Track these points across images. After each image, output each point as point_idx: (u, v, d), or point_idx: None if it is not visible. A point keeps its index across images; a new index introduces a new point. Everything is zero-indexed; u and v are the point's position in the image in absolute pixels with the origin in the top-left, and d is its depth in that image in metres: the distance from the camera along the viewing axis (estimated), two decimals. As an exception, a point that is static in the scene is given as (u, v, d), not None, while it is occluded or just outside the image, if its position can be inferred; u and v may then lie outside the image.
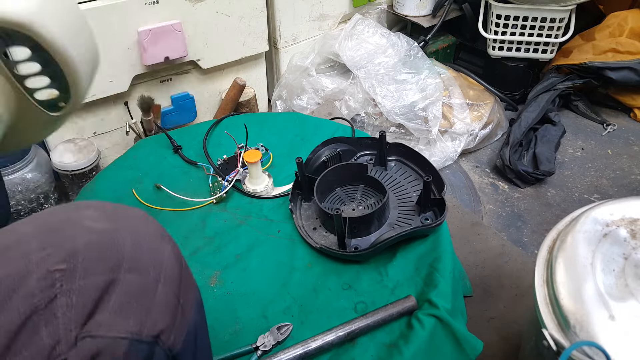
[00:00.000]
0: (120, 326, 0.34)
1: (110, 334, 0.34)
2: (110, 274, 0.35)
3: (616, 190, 1.35)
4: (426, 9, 1.65)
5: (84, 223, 0.37)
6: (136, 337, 0.35)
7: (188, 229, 0.85)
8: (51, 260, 0.34)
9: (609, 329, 0.53)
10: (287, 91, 1.49)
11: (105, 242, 0.36)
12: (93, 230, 0.36)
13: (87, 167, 1.17)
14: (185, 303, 0.40)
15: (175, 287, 0.39)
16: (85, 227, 0.36)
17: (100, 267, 0.35)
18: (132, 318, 0.35)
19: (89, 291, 0.34)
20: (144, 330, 0.35)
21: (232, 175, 0.92)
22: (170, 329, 0.37)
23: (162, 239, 0.40)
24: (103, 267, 0.35)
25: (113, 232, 0.37)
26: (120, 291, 0.35)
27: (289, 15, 1.43)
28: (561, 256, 0.61)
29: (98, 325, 0.34)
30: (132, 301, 0.35)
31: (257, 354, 0.66)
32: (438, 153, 1.39)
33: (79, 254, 0.35)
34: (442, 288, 0.69)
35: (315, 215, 0.85)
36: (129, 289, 0.36)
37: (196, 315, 0.42)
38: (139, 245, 0.38)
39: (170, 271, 0.39)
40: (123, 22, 1.10)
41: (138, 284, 0.36)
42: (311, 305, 0.72)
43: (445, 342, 0.66)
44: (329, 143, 0.92)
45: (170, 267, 0.39)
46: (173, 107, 1.32)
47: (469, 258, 1.05)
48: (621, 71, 1.47)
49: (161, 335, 0.36)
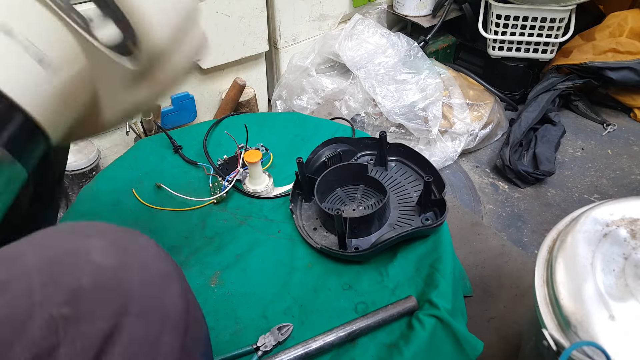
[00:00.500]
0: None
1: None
2: (115, 318, 0.32)
3: (616, 190, 1.35)
4: (426, 9, 1.65)
5: (90, 257, 0.34)
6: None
7: (188, 229, 0.85)
8: (54, 301, 0.31)
9: (609, 329, 0.53)
10: (287, 91, 1.49)
11: (112, 282, 0.33)
12: (99, 266, 0.34)
13: (87, 167, 1.17)
14: (192, 350, 0.37)
15: (181, 335, 0.36)
16: (91, 263, 0.33)
17: (106, 311, 0.32)
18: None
19: (93, 339, 0.31)
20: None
21: (232, 175, 0.92)
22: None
23: (171, 279, 0.37)
24: (109, 311, 0.32)
25: (121, 270, 0.34)
26: (125, 339, 0.32)
27: (289, 15, 1.43)
28: (561, 256, 0.61)
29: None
30: (137, 351, 0.33)
31: (258, 354, 0.66)
32: (438, 153, 1.39)
33: (84, 295, 0.32)
34: (443, 288, 0.69)
35: (315, 216, 0.85)
36: (134, 337, 0.33)
37: (202, 357, 0.39)
38: (146, 286, 0.35)
39: (176, 318, 0.36)
40: (123, 22, 1.10)
41: (144, 331, 0.34)
42: (312, 306, 0.72)
43: (445, 343, 0.66)
44: (329, 143, 0.92)
45: (177, 313, 0.36)
46: (173, 107, 1.32)
47: (469, 258, 1.06)
48: (621, 71, 1.47)
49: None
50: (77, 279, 0.32)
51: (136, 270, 0.35)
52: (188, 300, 0.38)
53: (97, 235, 0.36)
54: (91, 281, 0.32)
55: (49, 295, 0.31)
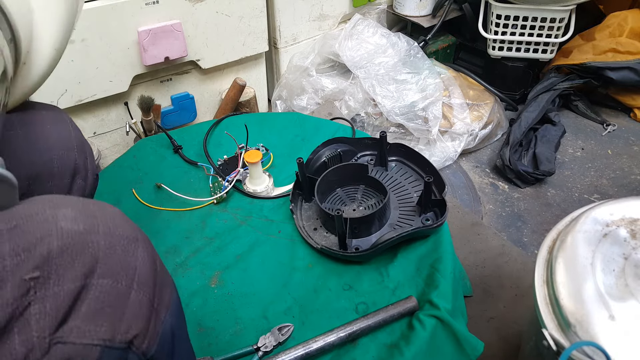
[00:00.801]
0: (92, 333, 0.34)
1: (81, 341, 0.34)
2: (83, 279, 0.35)
3: (616, 190, 1.35)
4: (426, 9, 1.65)
5: (59, 224, 0.36)
6: (108, 344, 0.35)
7: (188, 229, 0.85)
8: (25, 267, 0.33)
9: (609, 329, 0.53)
10: (287, 91, 1.49)
11: (80, 246, 0.36)
12: (68, 232, 0.36)
13: (87, 167, 1.17)
14: (159, 306, 0.40)
15: (149, 291, 0.39)
16: (60, 229, 0.36)
17: (74, 273, 0.35)
18: (104, 325, 0.35)
19: (62, 298, 0.34)
20: (117, 336, 0.35)
21: (232, 175, 0.92)
22: (144, 334, 0.37)
23: (136, 242, 0.40)
24: (76, 272, 0.35)
25: (88, 234, 0.37)
26: (93, 297, 0.35)
27: (289, 15, 1.43)
28: (561, 256, 0.61)
29: (70, 332, 0.33)
30: (104, 307, 0.35)
31: (258, 354, 0.66)
32: (438, 153, 1.39)
33: (53, 259, 0.34)
34: (443, 289, 0.69)
35: (315, 216, 0.85)
36: (102, 295, 0.35)
37: (172, 318, 0.41)
38: (113, 249, 0.37)
39: (143, 276, 0.38)
40: (123, 22, 1.10)
41: (111, 289, 0.36)
42: (312, 306, 0.72)
43: (446, 343, 0.66)
44: (329, 143, 0.92)
45: (144, 272, 0.39)
46: (173, 107, 1.32)
47: (469, 258, 1.06)
48: (621, 71, 1.47)
49: (134, 341, 0.36)
50: (46, 244, 0.34)
51: (102, 235, 0.37)
52: (155, 262, 0.40)
53: (66, 205, 0.38)
54: (59, 246, 0.34)
55: (20, 261, 0.33)
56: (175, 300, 0.43)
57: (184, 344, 0.46)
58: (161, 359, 0.40)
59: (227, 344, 0.68)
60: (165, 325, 0.40)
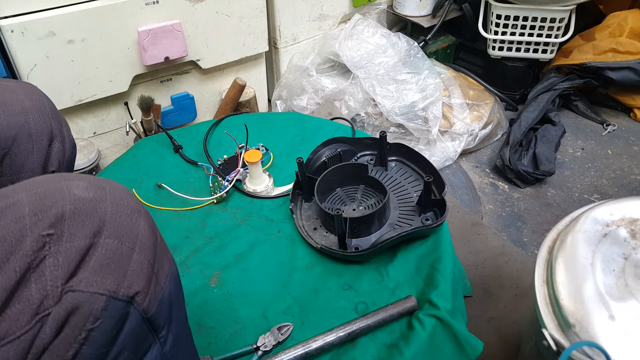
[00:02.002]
0: (99, 283, 0.38)
1: (89, 289, 0.37)
2: (91, 238, 0.39)
3: (616, 190, 1.35)
4: (426, 9, 1.65)
5: (72, 192, 0.40)
6: (113, 295, 0.38)
7: (188, 229, 0.85)
8: (42, 224, 0.38)
9: (609, 329, 0.53)
10: (287, 91, 1.49)
11: (89, 210, 0.40)
12: (79, 198, 0.40)
13: (87, 167, 1.17)
14: (159, 272, 0.43)
15: (150, 256, 0.42)
16: (72, 195, 0.40)
17: (84, 232, 0.39)
18: (109, 278, 0.39)
19: (73, 253, 0.38)
20: (121, 289, 0.39)
21: (232, 175, 0.92)
22: (145, 292, 0.41)
23: (139, 214, 0.44)
24: (86, 232, 0.39)
25: (97, 201, 0.41)
26: (100, 254, 0.39)
27: (289, 15, 1.43)
28: (561, 256, 0.61)
29: (79, 282, 0.37)
30: (110, 263, 0.39)
31: (258, 354, 0.66)
32: (438, 153, 1.39)
33: (66, 220, 0.39)
34: (443, 288, 0.69)
35: (315, 216, 0.85)
36: (108, 253, 0.39)
37: (171, 286, 0.45)
38: (118, 215, 0.42)
39: (145, 242, 0.42)
40: (123, 22, 1.10)
41: (116, 249, 0.40)
42: (312, 306, 0.72)
43: (445, 343, 0.66)
44: (329, 143, 0.92)
45: (146, 238, 0.43)
46: (173, 107, 1.32)
47: (469, 258, 1.06)
48: (621, 71, 1.47)
49: (136, 297, 0.40)
50: (60, 207, 0.39)
51: (109, 203, 0.42)
52: (155, 234, 0.45)
53: (78, 179, 0.43)
54: (72, 209, 0.39)
55: (37, 221, 0.38)
56: (174, 273, 0.47)
57: (181, 318, 0.50)
58: (159, 322, 0.43)
59: (226, 343, 0.68)
60: (164, 292, 0.44)
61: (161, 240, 0.46)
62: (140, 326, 0.41)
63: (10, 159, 0.58)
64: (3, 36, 1.00)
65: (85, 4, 1.05)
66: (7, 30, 0.99)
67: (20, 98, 0.62)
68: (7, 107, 0.60)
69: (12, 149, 0.59)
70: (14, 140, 0.59)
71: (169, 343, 0.46)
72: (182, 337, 0.50)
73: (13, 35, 1.00)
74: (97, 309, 0.37)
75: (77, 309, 0.37)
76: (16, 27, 0.99)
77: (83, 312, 0.37)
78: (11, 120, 0.59)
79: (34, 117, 0.61)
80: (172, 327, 0.46)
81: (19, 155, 0.59)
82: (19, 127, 0.59)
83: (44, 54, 1.05)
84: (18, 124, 0.59)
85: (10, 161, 0.58)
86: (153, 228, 0.45)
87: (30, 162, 0.60)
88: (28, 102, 0.62)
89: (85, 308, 0.37)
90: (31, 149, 0.60)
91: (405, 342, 0.65)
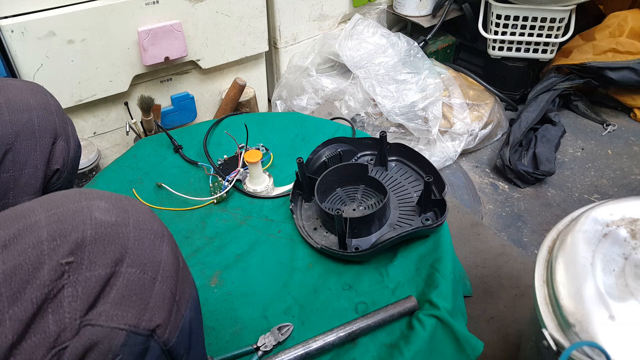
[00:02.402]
0: (120, 318, 0.36)
1: (109, 324, 0.35)
2: (112, 267, 0.37)
3: (616, 190, 1.35)
4: (426, 9, 1.65)
5: (93, 214, 0.38)
6: (133, 330, 0.36)
7: (188, 229, 0.85)
8: (60, 251, 0.35)
9: (609, 329, 0.53)
10: (287, 91, 1.49)
11: (111, 236, 0.38)
12: (101, 222, 0.38)
13: (87, 167, 1.17)
14: (180, 301, 0.41)
15: (172, 285, 0.40)
16: (93, 219, 0.38)
17: (105, 260, 0.37)
18: (130, 311, 0.37)
19: (93, 283, 0.36)
20: (141, 323, 0.37)
21: (232, 175, 0.92)
22: (166, 324, 0.39)
23: (163, 238, 0.42)
24: (107, 260, 0.37)
25: (119, 226, 0.39)
26: (121, 284, 0.37)
27: (289, 15, 1.43)
28: (561, 256, 0.61)
29: (99, 315, 0.35)
30: (131, 295, 0.37)
31: (258, 354, 0.66)
32: (438, 153, 1.39)
33: (87, 246, 0.36)
34: (443, 288, 0.69)
35: (315, 216, 0.85)
36: (129, 283, 0.37)
37: (192, 313, 0.43)
38: (141, 241, 0.39)
39: (167, 269, 0.40)
40: (123, 22, 1.10)
41: (138, 279, 0.38)
42: (312, 306, 0.72)
43: (445, 343, 0.66)
44: (329, 143, 0.92)
45: (169, 266, 0.41)
46: (173, 107, 1.32)
47: (469, 258, 1.06)
48: (621, 71, 1.47)
49: (157, 330, 0.38)
50: (80, 232, 0.37)
51: (132, 228, 0.39)
52: (178, 258, 0.43)
53: (99, 198, 0.41)
54: (93, 234, 0.37)
55: (56, 247, 0.35)
56: (194, 298, 0.45)
57: (199, 342, 0.48)
58: (179, 352, 0.41)
59: (226, 343, 0.68)
60: (185, 319, 0.42)
61: (184, 264, 0.44)
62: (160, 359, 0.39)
63: (13, 155, 0.58)
64: (3, 36, 1.00)
65: (85, 4, 1.05)
66: (7, 30, 0.99)
67: (25, 96, 0.61)
68: (12, 103, 0.60)
69: (15, 145, 0.58)
70: (16, 136, 0.58)
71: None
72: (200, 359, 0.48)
73: (13, 35, 1.00)
74: (116, 345, 0.35)
75: (96, 345, 0.35)
76: (16, 27, 0.99)
77: (102, 349, 0.35)
78: (15, 117, 0.59)
79: (38, 115, 0.61)
80: (191, 354, 0.44)
81: (22, 152, 0.59)
82: (22, 123, 0.59)
83: (44, 54, 1.05)
84: (21, 120, 0.59)
85: (13, 157, 0.58)
86: (176, 253, 0.43)
87: (33, 159, 0.59)
88: (33, 100, 0.62)
89: (104, 344, 0.35)
90: (34, 145, 0.60)
91: (405, 342, 0.65)
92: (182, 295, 0.42)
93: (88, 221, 0.38)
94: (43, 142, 0.61)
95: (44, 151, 0.61)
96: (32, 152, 0.59)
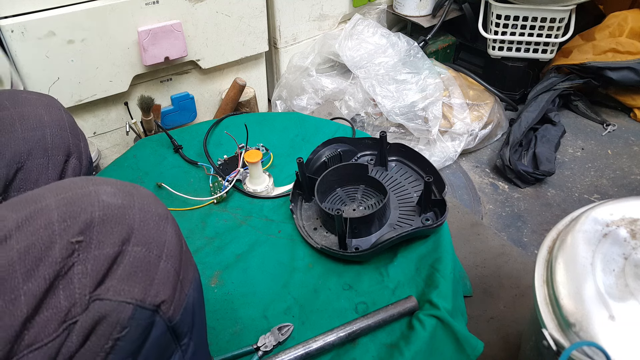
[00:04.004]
0: (127, 292, 0.38)
1: (117, 298, 0.37)
2: (120, 246, 0.39)
3: (616, 190, 1.35)
4: (426, 9, 1.65)
5: (101, 197, 0.40)
6: (140, 304, 0.38)
7: (189, 229, 0.85)
8: (71, 231, 0.37)
9: (609, 329, 0.53)
10: (287, 91, 1.49)
11: (118, 217, 0.40)
12: (108, 205, 0.40)
13: (87, 167, 1.17)
14: (184, 280, 0.43)
15: (176, 264, 0.42)
16: (101, 202, 0.40)
17: (112, 240, 0.39)
18: (137, 286, 0.39)
19: (101, 260, 0.38)
20: (147, 298, 0.39)
21: (232, 175, 0.92)
22: (170, 300, 0.40)
23: (167, 220, 0.44)
24: (114, 239, 0.39)
25: (125, 208, 0.41)
26: (128, 262, 0.39)
27: (289, 15, 1.43)
28: (561, 256, 0.61)
29: (107, 290, 0.37)
30: (137, 271, 0.39)
31: (258, 354, 0.66)
32: (438, 153, 1.39)
33: (95, 227, 0.38)
34: (443, 289, 0.69)
35: (315, 216, 0.85)
36: (135, 261, 0.39)
37: (195, 293, 0.45)
38: (146, 222, 0.41)
39: (172, 249, 0.42)
40: (123, 22, 1.10)
41: (143, 257, 0.40)
42: (312, 306, 0.72)
43: (446, 343, 0.66)
44: (329, 143, 0.92)
45: (172, 246, 0.42)
46: (173, 107, 1.32)
47: (469, 258, 1.06)
48: (621, 71, 1.47)
49: (162, 306, 0.40)
50: (89, 213, 0.39)
51: (137, 210, 0.41)
52: (181, 241, 0.45)
53: (105, 183, 0.43)
54: (101, 216, 0.39)
55: (66, 227, 0.37)
56: (197, 280, 0.47)
57: (202, 324, 0.49)
58: (183, 329, 0.43)
59: (227, 343, 0.68)
60: (188, 299, 0.43)
61: (186, 247, 0.46)
62: (164, 335, 0.41)
63: (24, 173, 0.57)
64: (3, 36, 1.00)
65: (85, 4, 1.05)
66: (7, 30, 0.99)
67: (39, 111, 0.60)
68: (25, 120, 0.59)
69: (26, 163, 0.58)
70: (28, 154, 0.58)
71: (190, 350, 0.45)
72: (202, 343, 0.49)
73: (13, 35, 1.00)
74: (124, 318, 0.37)
75: (105, 318, 0.37)
76: (16, 27, 0.99)
77: (110, 321, 0.37)
78: (28, 134, 0.58)
79: (51, 132, 0.60)
80: (194, 334, 0.45)
81: (34, 171, 0.58)
82: (35, 141, 0.58)
83: (44, 54, 1.05)
84: (35, 138, 0.58)
85: (24, 176, 0.57)
86: (179, 235, 0.45)
87: (44, 178, 0.59)
88: (47, 116, 0.61)
89: (112, 317, 0.37)
90: (46, 164, 0.59)
91: (405, 342, 0.65)
92: (186, 275, 0.43)
93: (96, 204, 0.39)
94: (55, 160, 0.60)
95: (56, 169, 0.60)
96: (44, 170, 0.59)
